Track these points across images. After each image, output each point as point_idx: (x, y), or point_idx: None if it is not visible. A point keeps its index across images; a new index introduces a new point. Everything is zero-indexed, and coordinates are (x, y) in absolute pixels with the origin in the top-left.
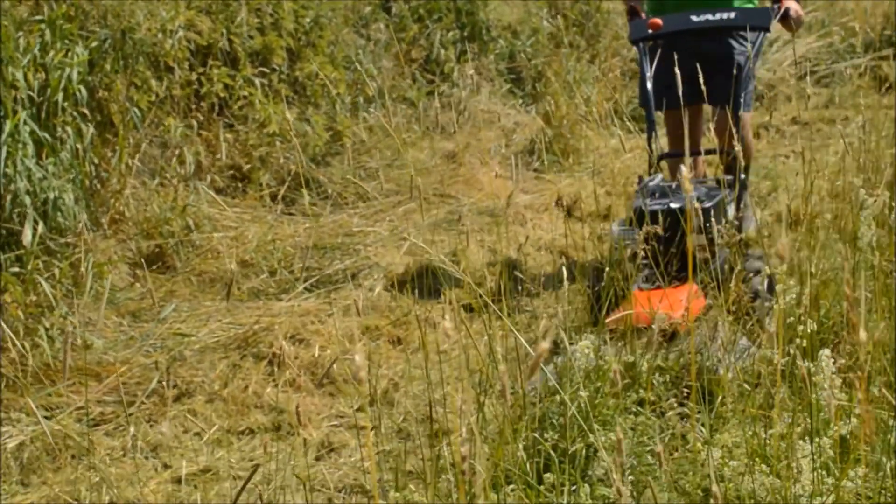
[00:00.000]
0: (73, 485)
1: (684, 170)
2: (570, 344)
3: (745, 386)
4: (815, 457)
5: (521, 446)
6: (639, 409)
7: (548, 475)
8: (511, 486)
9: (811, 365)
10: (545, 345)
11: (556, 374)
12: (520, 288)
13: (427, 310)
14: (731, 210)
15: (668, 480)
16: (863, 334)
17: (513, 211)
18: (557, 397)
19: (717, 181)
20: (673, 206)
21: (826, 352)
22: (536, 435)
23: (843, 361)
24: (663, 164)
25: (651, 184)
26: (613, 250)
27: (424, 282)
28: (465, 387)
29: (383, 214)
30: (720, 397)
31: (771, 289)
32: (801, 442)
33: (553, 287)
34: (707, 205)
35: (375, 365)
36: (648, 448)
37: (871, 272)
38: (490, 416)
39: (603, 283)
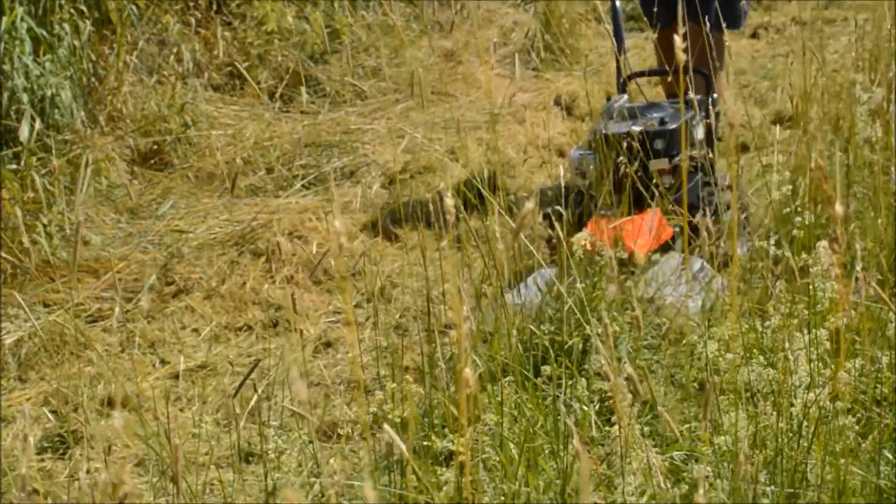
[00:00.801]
0: (71, 380)
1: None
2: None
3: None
4: (811, 348)
5: (516, 338)
6: (637, 303)
7: (545, 367)
8: (507, 378)
9: (808, 257)
10: (530, 204)
11: (552, 272)
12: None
13: (424, 206)
14: (699, 132)
15: (664, 374)
16: (839, 207)
17: (511, 109)
18: (554, 289)
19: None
20: (635, 129)
21: (823, 243)
22: (532, 327)
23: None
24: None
25: (615, 105)
26: (573, 176)
27: (423, 179)
28: (463, 280)
29: (381, 112)
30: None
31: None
32: (797, 334)
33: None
34: (672, 126)
35: (373, 262)
36: (645, 342)
37: (868, 169)
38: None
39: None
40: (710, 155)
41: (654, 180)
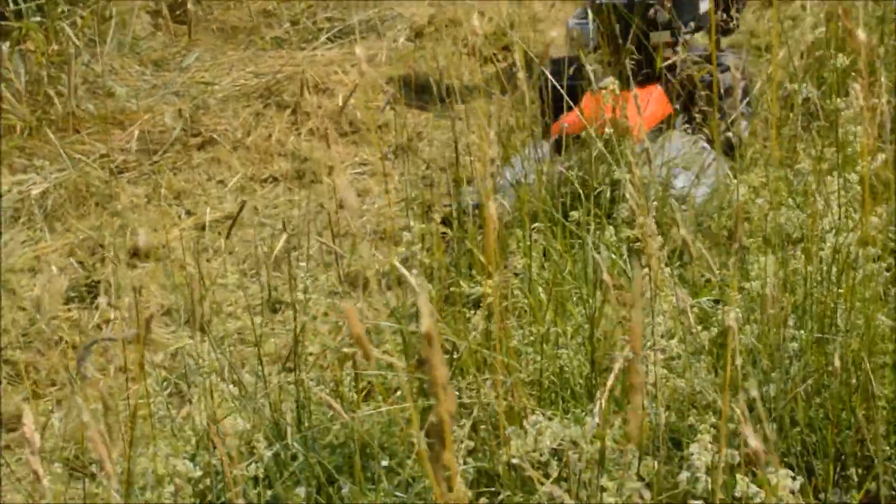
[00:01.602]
0: (97, 231)
1: None
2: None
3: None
4: (841, 192)
5: (545, 180)
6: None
7: (573, 213)
8: (536, 224)
9: (840, 100)
10: (554, 33)
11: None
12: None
13: (451, 59)
14: (703, 5)
15: (692, 221)
16: (861, 35)
17: None
18: (582, 134)
19: None
20: None
21: (856, 86)
22: (562, 168)
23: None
24: None
25: None
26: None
27: (449, 32)
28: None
29: None
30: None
31: (745, 93)
32: (828, 177)
33: None
34: None
35: (399, 115)
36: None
37: None
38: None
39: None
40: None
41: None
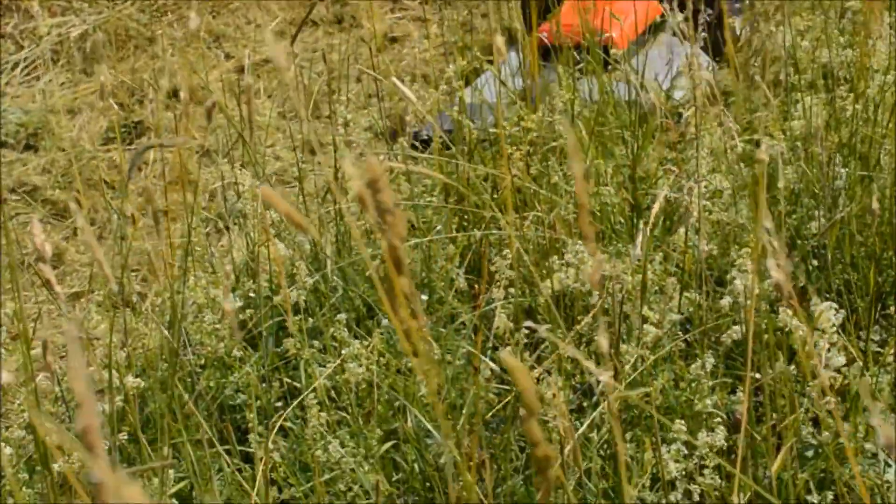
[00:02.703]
0: (135, 73)
1: None
2: None
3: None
4: (891, 32)
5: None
6: None
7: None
8: (580, 63)
9: None
10: None
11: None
12: None
13: None
14: None
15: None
16: None
17: None
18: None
19: None
20: None
21: None
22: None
23: None
24: None
25: None
26: None
27: None
28: None
29: None
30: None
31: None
32: (876, 12)
33: None
34: None
35: None
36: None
37: None
38: None
39: None
40: None
41: None
